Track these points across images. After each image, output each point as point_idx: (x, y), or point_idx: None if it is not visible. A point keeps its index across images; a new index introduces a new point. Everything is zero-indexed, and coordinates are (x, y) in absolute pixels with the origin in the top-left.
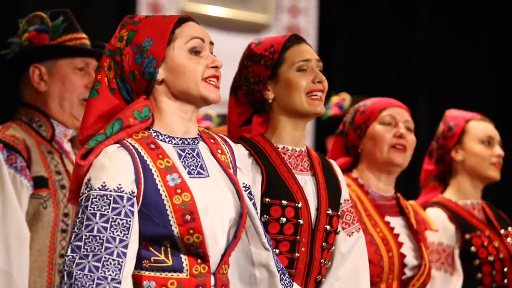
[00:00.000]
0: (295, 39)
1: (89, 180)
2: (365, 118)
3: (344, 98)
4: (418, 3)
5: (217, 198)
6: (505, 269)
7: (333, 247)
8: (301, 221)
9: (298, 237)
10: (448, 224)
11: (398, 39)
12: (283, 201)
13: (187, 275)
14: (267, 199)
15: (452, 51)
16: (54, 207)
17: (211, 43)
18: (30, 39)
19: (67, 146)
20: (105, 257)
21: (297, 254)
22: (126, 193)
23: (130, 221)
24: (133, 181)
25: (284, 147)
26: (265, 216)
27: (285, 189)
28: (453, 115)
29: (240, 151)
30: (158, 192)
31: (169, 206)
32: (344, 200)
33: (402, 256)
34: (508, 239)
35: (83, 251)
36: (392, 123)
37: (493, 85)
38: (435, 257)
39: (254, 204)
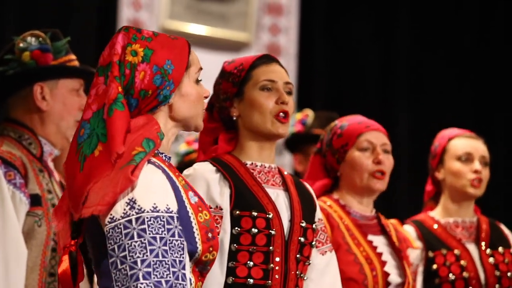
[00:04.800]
0: (266, 59)
1: (133, 201)
2: (343, 142)
3: (307, 114)
4: (400, 21)
5: None
6: None
7: (309, 261)
8: (272, 232)
9: (271, 247)
10: (415, 242)
11: (378, 57)
12: (253, 212)
13: None
14: (236, 212)
15: (432, 70)
16: (47, 226)
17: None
18: (35, 58)
19: (51, 165)
20: (174, 283)
21: (271, 265)
22: (174, 213)
23: (183, 241)
24: (174, 199)
25: (252, 163)
26: (236, 228)
27: (255, 201)
28: (442, 134)
29: (206, 167)
30: (186, 209)
31: (195, 224)
32: (318, 219)
33: (386, 275)
34: (490, 259)
35: (155, 278)
36: (370, 148)
37: (471, 102)
38: None
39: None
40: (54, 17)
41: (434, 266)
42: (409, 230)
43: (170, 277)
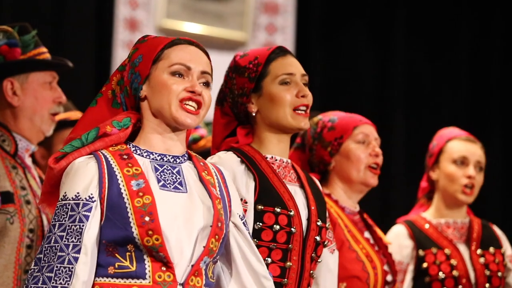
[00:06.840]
0: (280, 51)
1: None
2: (337, 135)
3: None
4: (395, 24)
5: (189, 211)
6: (459, 287)
7: (320, 259)
8: (293, 229)
9: (290, 245)
10: (406, 241)
11: (375, 57)
12: (276, 208)
13: (149, 282)
14: (260, 206)
15: (428, 72)
16: (20, 223)
17: (204, 72)
18: (3, 53)
19: (28, 161)
20: (57, 267)
21: (289, 263)
22: (82, 200)
23: (83, 225)
24: (95, 187)
25: (272, 157)
26: (258, 223)
27: (278, 197)
28: (441, 134)
29: (232, 157)
30: (121, 196)
31: (130, 208)
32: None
33: (385, 273)
34: (481, 259)
35: (42, 263)
36: (366, 141)
37: (467, 108)
38: None
39: (247, 234)
40: (51, 17)
41: (424, 265)
42: (399, 229)
43: (53, 261)
